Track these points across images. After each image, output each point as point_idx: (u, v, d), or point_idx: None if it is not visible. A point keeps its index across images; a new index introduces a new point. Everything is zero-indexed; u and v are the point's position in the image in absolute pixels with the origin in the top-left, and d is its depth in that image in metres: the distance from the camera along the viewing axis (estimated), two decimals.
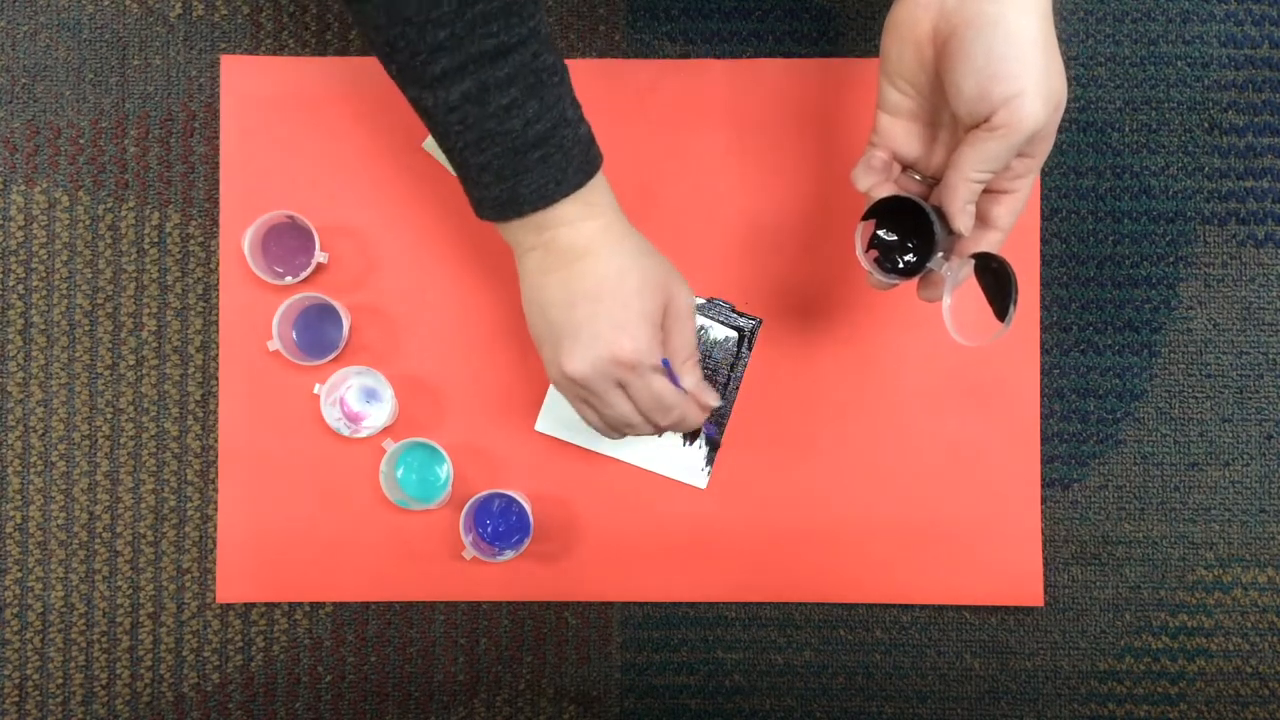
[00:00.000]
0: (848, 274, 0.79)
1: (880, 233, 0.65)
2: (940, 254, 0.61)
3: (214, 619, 0.80)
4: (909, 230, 0.64)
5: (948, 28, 0.57)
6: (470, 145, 0.61)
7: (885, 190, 0.63)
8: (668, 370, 0.67)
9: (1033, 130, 0.57)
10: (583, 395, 0.66)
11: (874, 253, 0.65)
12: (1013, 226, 0.63)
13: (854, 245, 0.65)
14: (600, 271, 0.64)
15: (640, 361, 0.64)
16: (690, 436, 0.79)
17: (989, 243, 0.62)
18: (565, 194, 0.62)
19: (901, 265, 0.64)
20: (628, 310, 0.64)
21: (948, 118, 0.62)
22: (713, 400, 0.69)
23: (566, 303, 0.64)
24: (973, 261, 0.62)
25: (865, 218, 0.63)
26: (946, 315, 0.62)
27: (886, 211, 0.63)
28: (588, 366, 0.64)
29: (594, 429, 0.69)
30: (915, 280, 0.64)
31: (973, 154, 0.58)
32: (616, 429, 0.68)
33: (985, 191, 0.61)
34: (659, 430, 0.69)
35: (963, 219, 0.60)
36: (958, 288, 0.62)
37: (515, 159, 0.61)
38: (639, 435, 0.70)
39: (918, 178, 0.65)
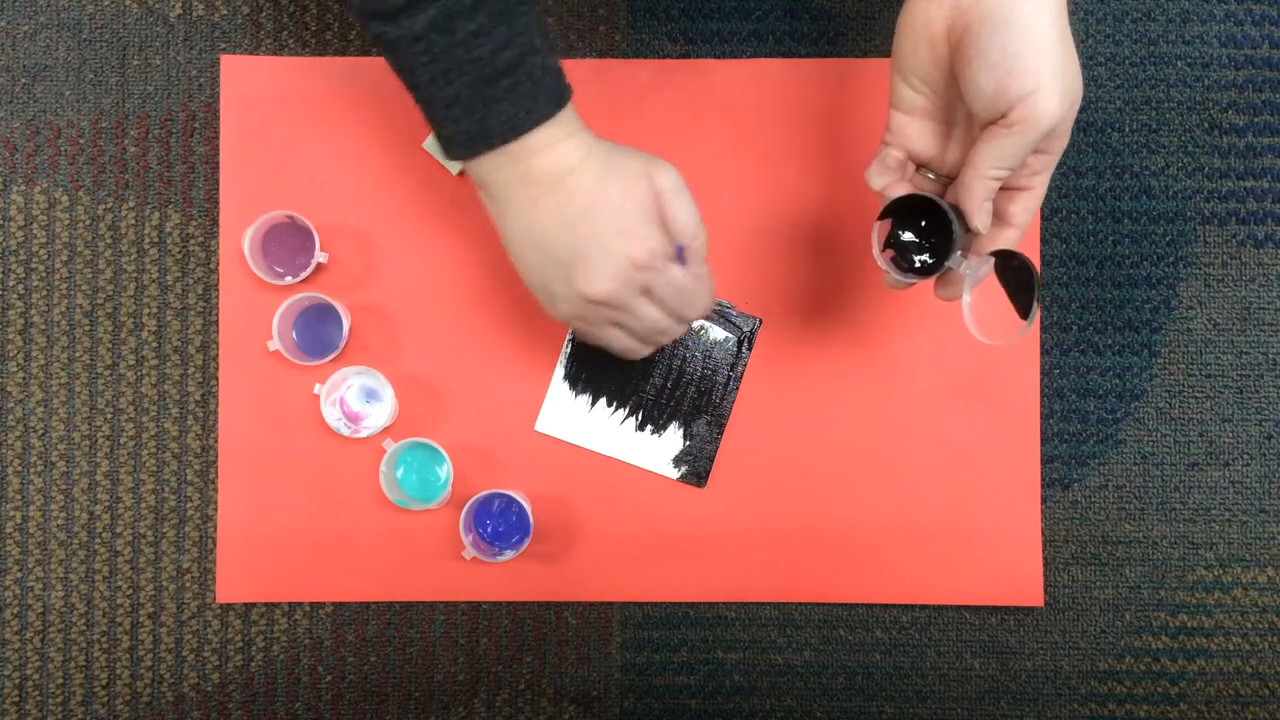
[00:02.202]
0: (848, 274, 0.79)
1: (897, 232, 0.64)
2: (959, 252, 0.61)
3: (214, 619, 0.80)
4: (925, 229, 0.64)
5: (962, 24, 0.57)
6: (438, 77, 0.60)
7: (900, 189, 0.63)
8: (680, 256, 0.65)
9: (1049, 126, 0.56)
10: (610, 316, 0.65)
11: (890, 252, 0.65)
12: (1029, 224, 0.63)
13: (862, 245, 0.65)
14: (586, 186, 0.62)
15: (654, 260, 0.63)
16: (679, 462, 0.79)
17: (1005, 240, 0.62)
18: (536, 123, 0.61)
19: (919, 264, 0.64)
20: (625, 213, 0.63)
21: (962, 115, 0.62)
22: (710, 282, 0.68)
23: (564, 226, 0.63)
24: (992, 259, 0.62)
25: (881, 217, 0.63)
26: (967, 314, 0.62)
27: (901, 210, 0.63)
28: (610, 281, 0.63)
29: (623, 353, 0.69)
30: (929, 279, 0.64)
31: (989, 151, 0.58)
32: (649, 340, 0.68)
33: (1001, 189, 0.61)
34: (687, 325, 0.68)
35: (980, 216, 0.60)
36: (976, 286, 0.62)
37: (484, 88, 0.60)
38: (670, 340, 0.69)
39: (932, 176, 0.64)
